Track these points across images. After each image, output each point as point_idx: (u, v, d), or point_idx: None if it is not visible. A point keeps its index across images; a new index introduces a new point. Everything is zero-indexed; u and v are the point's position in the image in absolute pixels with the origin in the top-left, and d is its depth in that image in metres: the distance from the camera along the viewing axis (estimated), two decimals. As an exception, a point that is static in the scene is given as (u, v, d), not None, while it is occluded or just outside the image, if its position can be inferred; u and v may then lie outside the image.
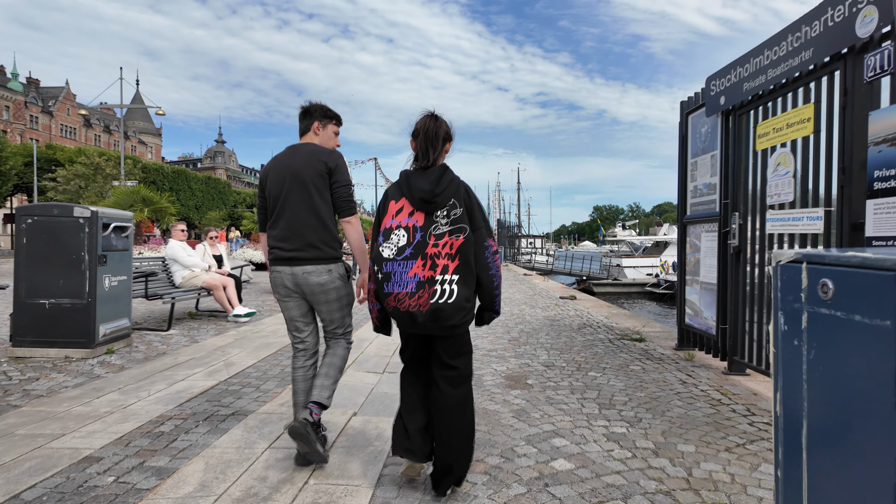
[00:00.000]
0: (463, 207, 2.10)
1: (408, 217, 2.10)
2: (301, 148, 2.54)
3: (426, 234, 2.05)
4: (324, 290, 2.48)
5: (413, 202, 2.10)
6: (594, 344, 5.60)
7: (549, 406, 3.49)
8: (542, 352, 5.19)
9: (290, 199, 2.46)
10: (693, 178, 5.11)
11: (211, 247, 7.54)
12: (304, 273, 2.44)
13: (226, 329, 6.38)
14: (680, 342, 5.40)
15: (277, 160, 2.55)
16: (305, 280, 2.45)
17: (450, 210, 2.08)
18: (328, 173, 2.47)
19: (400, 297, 2.04)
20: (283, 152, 2.59)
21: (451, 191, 2.10)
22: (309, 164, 2.46)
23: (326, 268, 2.47)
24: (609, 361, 4.79)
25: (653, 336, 6.13)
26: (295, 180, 2.45)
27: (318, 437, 2.36)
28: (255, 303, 9.03)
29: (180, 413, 3.29)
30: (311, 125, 2.64)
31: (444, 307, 2.01)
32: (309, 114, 2.65)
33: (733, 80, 4.31)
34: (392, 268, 2.05)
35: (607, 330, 6.52)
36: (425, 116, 2.25)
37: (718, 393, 3.78)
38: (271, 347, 5.30)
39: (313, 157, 2.49)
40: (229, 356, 4.89)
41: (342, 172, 2.52)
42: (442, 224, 2.07)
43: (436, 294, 2.01)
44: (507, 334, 6.20)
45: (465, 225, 2.08)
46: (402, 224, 2.09)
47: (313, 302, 2.54)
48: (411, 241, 2.05)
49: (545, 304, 9.54)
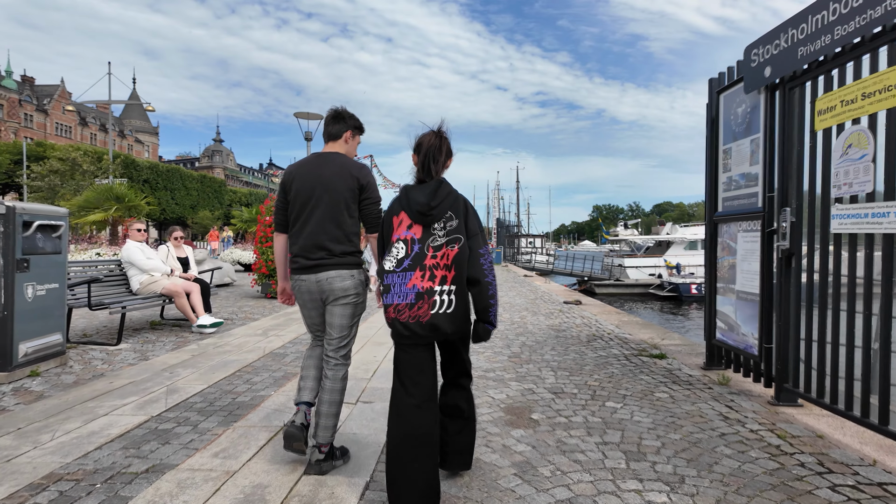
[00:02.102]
0: (459, 219, 2.12)
1: (406, 230, 2.14)
2: (332, 158, 2.52)
3: (424, 246, 2.10)
4: (345, 294, 2.48)
5: (411, 215, 2.14)
6: (608, 362, 4.82)
7: (562, 456, 2.71)
8: (549, 373, 4.41)
9: (318, 210, 2.46)
10: (726, 168, 4.33)
11: (176, 248, 6.74)
12: (328, 279, 2.45)
13: (186, 342, 5.60)
14: (709, 360, 4.62)
15: (306, 167, 2.53)
16: (329, 285, 2.46)
17: (446, 222, 2.11)
18: (359, 189, 2.48)
19: (400, 308, 2.07)
20: (310, 159, 2.57)
21: (447, 203, 2.13)
22: (341, 178, 2.46)
23: (349, 273, 2.48)
24: (629, 386, 4.01)
25: (674, 351, 5.34)
26: (325, 192, 2.45)
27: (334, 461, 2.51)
28: (231, 309, 8.24)
29: (77, 470, 2.51)
30: (342, 132, 2.61)
31: (443, 317, 2.05)
32: (342, 120, 2.62)
33: (783, 46, 3.53)
34: (392, 279, 2.10)
35: (621, 343, 5.74)
36: (430, 133, 2.29)
37: (773, 435, 3.00)
38: (230, 367, 4.51)
39: (345, 170, 2.48)
40: (176, 379, 4.11)
41: (373, 189, 2.54)
42: (439, 236, 2.10)
43: (435, 305, 2.04)
44: (506, 349, 5.41)
45: (461, 235, 2.10)
46: (401, 237, 2.14)
47: (331, 306, 2.51)
48: (409, 252, 2.10)
49: (548, 310, 8.75)
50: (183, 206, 53.96)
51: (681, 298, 26.62)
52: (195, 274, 6.71)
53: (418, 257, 2.08)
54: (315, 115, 14.05)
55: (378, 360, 4.87)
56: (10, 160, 34.76)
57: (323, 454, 2.43)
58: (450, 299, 2.06)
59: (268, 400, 3.62)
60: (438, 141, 2.26)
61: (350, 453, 2.68)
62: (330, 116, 2.63)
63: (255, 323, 6.92)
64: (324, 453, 2.43)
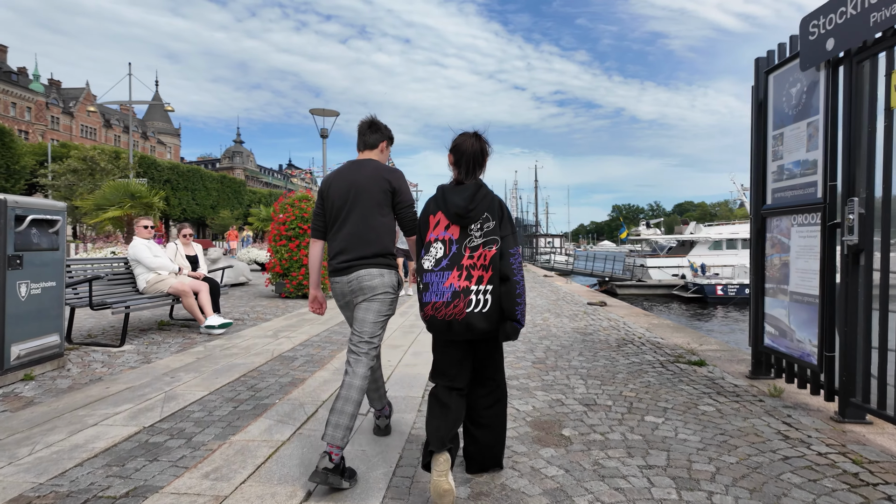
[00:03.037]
0: (496, 221, 2.18)
1: (444, 230, 2.20)
2: (365, 164, 2.59)
3: (461, 247, 2.16)
4: (374, 291, 2.49)
5: (448, 216, 2.20)
6: (643, 369, 4.41)
7: (601, 482, 2.34)
8: (578, 381, 4.03)
9: (353, 213, 2.51)
10: (777, 155, 3.90)
11: (184, 245, 6.51)
12: (358, 277, 2.49)
13: (193, 343, 5.34)
14: (755, 369, 4.19)
15: (341, 173, 2.60)
16: (359, 283, 2.49)
17: (483, 223, 2.17)
18: (392, 192, 2.54)
19: (437, 306, 2.13)
20: (345, 166, 2.63)
21: (484, 205, 2.19)
22: (374, 180, 2.52)
23: (379, 271, 2.50)
24: (669, 397, 3.61)
25: (713, 357, 4.91)
26: (359, 195, 2.51)
27: (343, 478, 2.21)
28: (244, 309, 8.01)
29: (49, 493, 2.22)
30: (379, 142, 2.67)
31: (478, 316, 2.10)
32: (378, 130, 2.68)
33: (851, 14, 3.10)
34: (430, 278, 2.17)
35: (654, 348, 5.32)
36: (469, 135, 2.32)
37: (847, 459, 2.59)
38: (234, 371, 4.23)
39: (378, 173, 2.54)
40: (176, 385, 3.83)
41: (405, 193, 2.58)
42: (476, 237, 2.16)
43: (471, 304, 2.10)
44: (530, 353, 5.04)
45: (497, 237, 2.16)
46: (439, 237, 2.20)
47: (360, 303, 2.52)
48: (447, 252, 2.16)
49: (572, 311, 8.34)
50: (203, 206, 54.52)
51: (706, 300, 25.86)
52: (204, 273, 6.47)
53: (456, 257, 2.15)
54: (330, 112, 13.82)
55: (392, 364, 4.54)
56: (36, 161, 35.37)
57: (333, 463, 2.16)
58: (486, 299, 2.11)
59: (271, 409, 3.32)
60: (479, 144, 2.31)
61: (357, 476, 2.36)
62: (366, 126, 2.68)
63: (267, 324, 6.65)
64: (334, 462, 2.17)
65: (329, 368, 4.35)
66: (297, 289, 9.31)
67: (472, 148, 2.29)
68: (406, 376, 4.17)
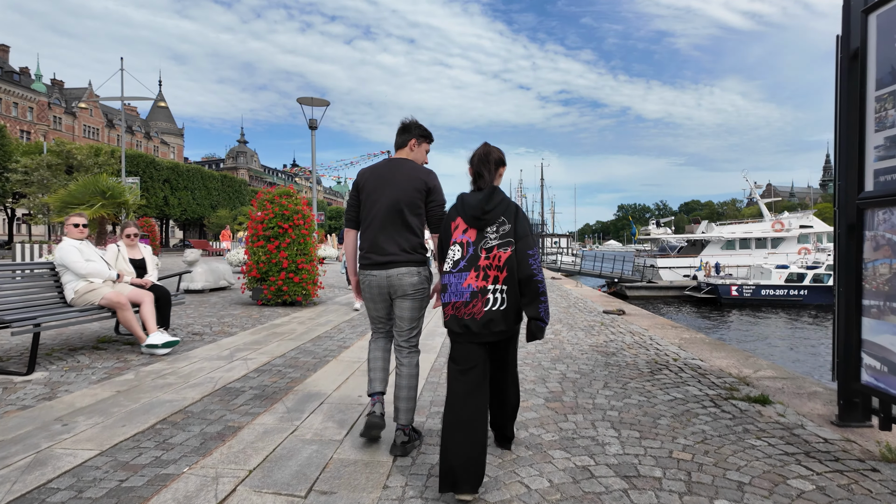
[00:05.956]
0: (511, 224, 2.29)
1: (462, 234, 2.34)
2: (401, 163, 2.74)
3: (478, 248, 2.28)
4: (414, 289, 2.65)
5: (466, 220, 2.35)
6: (690, 410, 3.36)
7: None
8: (609, 432, 2.98)
9: (389, 210, 2.64)
10: (883, 122, 2.84)
11: (129, 248, 5.49)
12: (398, 275, 2.62)
13: (125, 369, 4.33)
14: (845, 412, 3.12)
15: (378, 170, 2.74)
16: (399, 281, 2.63)
17: (499, 226, 2.29)
18: (426, 191, 2.69)
19: (457, 306, 2.26)
20: (382, 164, 2.77)
21: (500, 209, 2.31)
22: (409, 180, 2.67)
23: (417, 269, 2.66)
24: (740, 462, 2.56)
25: (774, 390, 3.85)
26: (394, 192, 2.65)
27: (414, 442, 2.68)
28: (209, 320, 6.99)
29: None
30: (408, 141, 2.81)
31: (496, 314, 2.22)
32: (408, 130, 2.81)
33: None
34: (449, 279, 2.31)
35: (696, 375, 4.26)
36: (481, 145, 2.52)
37: None
38: (154, 414, 3.20)
39: (413, 173, 2.69)
40: (63, 438, 2.81)
41: (438, 192, 2.74)
42: (492, 238, 2.28)
43: (488, 303, 2.21)
44: (541, 383, 4.00)
45: (512, 239, 2.27)
46: (457, 240, 2.35)
47: (399, 300, 2.67)
48: (465, 254, 2.29)
49: (587, 322, 7.27)
50: (203, 206, 53.70)
51: (720, 300, 24.73)
52: (153, 280, 5.45)
53: (473, 259, 2.28)
54: (319, 101, 12.79)
55: (363, 402, 3.50)
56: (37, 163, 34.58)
57: (406, 436, 2.60)
58: (502, 297, 2.23)
59: (168, 489, 2.29)
60: (487, 149, 2.47)
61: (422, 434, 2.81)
62: (398, 128, 2.82)
63: (228, 339, 5.64)
64: (407, 434, 2.60)
65: (277, 411, 3.32)
66: (277, 295, 8.29)
67: (478, 153, 2.47)
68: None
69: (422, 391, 3.75)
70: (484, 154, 2.45)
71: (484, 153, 2.45)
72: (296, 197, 8.77)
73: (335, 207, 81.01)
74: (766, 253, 30.38)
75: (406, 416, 2.62)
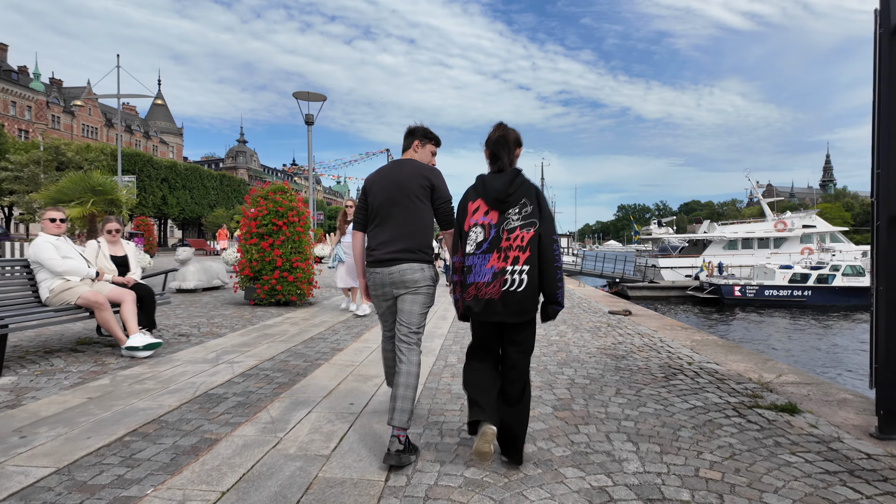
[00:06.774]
0: (534, 205, 2.32)
1: (483, 216, 2.35)
2: (405, 163, 2.76)
3: (500, 230, 2.30)
4: (417, 286, 2.65)
5: (487, 202, 2.36)
6: (713, 420, 3.07)
7: None
8: (626, 445, 2.69)
9: (395, 208, 2.67)
10: (932, 103, 2.55)
11: (111, 244, 5.20)
12: (400, 271, 2.63)
13: (101, 373, 4.03)
14: (886, 424, 2.84)
15: (383, 172, 2.78)
16: (401, 277, 2.63)
17: (521, 207, 2.31)
18: (430, 188, 2.70)
19: (479, 286, 2.28)
20: (388, 166, 2.82)
21: (522, 191, 2.33)
22: (413, 178, 2.68)
23: (420, 266, 2.65)
24: (777, 482, 2.27)
25: (800, 397, 3.56)
26: (400, 192, 2.67)
27: (410, 455, 2.47)
28: (199, 320, 6.70)
29: None
30: (411, 143, 2.85)
31: (513, 294, 2.23)
32: (412, 133, 2.86)
33: None
34: (473, 261, 2.32)
35: (714, 380, 3.97)
36: (495, 126, 2.50)
37: None
38: (124, 424, 2.91)
39: (417, 171, 2.70)
40: (18, 452, 2.52)
41: (443, 189, 2.74)
42: (514, 220, 2.30)
43: (506, 283, 2.23)
44: (548, 389, 3.71)
45: (536, 220, 2.30)
46: (478, 222, 2.36)
47: (402, 296, 2.67)
48: (487, 236, 2.31)
49: (592, 323, 6.98)
50: (202, 206, 53.36)
51: (722, 300, 24.43)
52: (136, 278, 5.16)
53: (495, 240, 2.28)
54: (316, 96, 12.47)
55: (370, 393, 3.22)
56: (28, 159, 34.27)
57: (402, 444, 2.42)
58: (521, 278, 2.23)
59: (128, 513, 1.99)
60: (504, 131, 2.46)
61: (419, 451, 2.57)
62: (405, 133, 2.88)
63: (216, 341, 5.34)
64: (402, 443, 2.42)
65: (260, 421, 3.03)
66: (270, 294, 8.00)
67: (494, 135, 2.46)
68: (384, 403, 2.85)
69: (419, 398, 3.46)
70: (502, 136, 2.44)
71: (501, 135, 2.44)
72: (290, 193, 8.47)
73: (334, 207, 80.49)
74: (768, 253, 30.09)
75: (401, 417, 2.45)
